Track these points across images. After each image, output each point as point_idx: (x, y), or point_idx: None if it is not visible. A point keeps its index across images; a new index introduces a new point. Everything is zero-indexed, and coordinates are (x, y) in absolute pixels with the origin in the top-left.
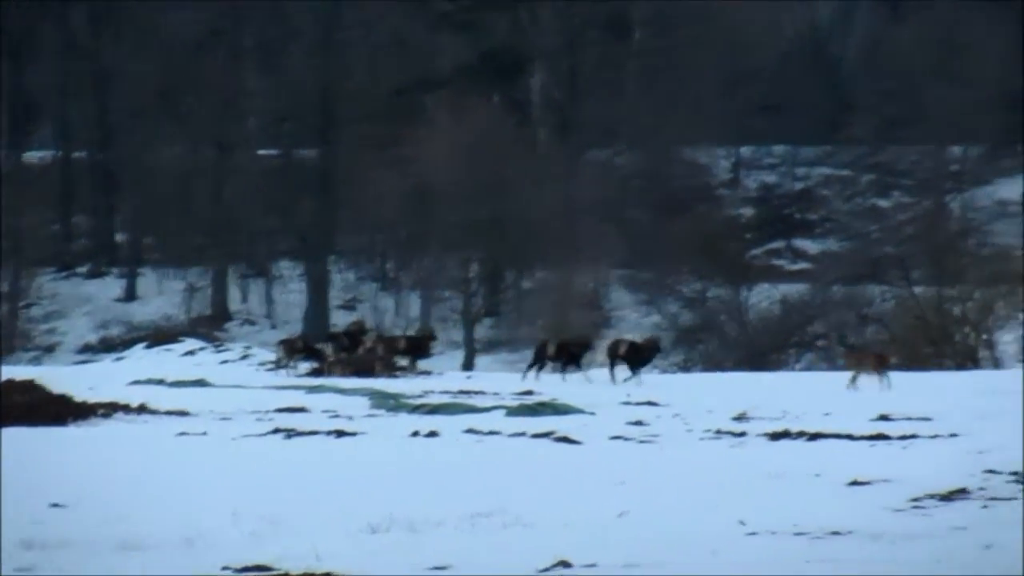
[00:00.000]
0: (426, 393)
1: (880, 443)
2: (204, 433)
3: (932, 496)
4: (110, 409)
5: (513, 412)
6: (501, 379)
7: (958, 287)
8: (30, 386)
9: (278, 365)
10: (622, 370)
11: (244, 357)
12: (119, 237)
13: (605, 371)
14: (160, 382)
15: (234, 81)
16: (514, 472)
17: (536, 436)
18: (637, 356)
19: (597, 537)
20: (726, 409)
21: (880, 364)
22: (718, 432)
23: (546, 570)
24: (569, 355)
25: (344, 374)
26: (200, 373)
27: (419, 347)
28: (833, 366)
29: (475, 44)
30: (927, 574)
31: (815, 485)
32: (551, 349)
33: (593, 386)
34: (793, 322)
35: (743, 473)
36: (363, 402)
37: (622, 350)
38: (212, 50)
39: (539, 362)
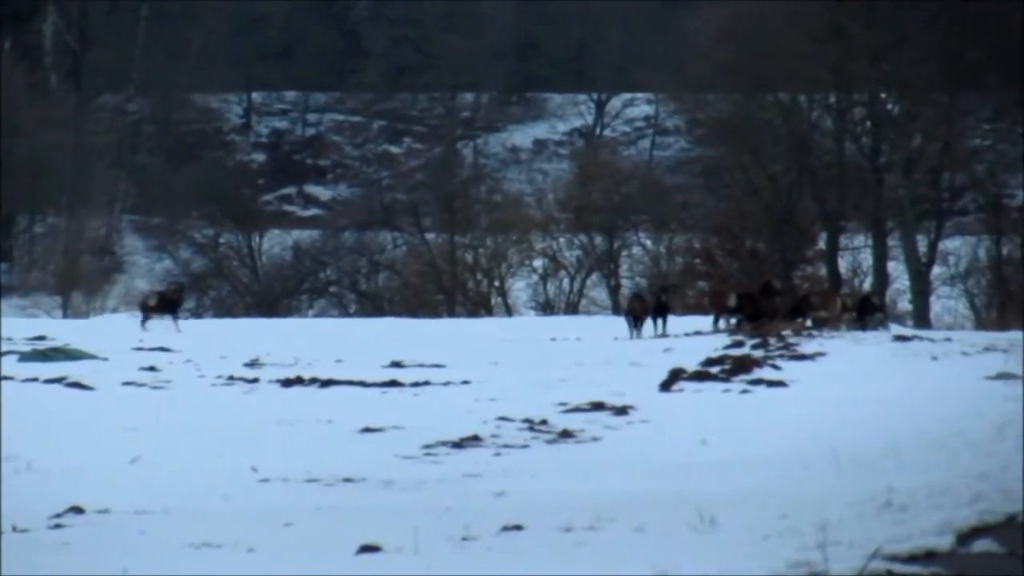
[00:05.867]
0: None
1: (392, 390)
2: None
3: (444, 443)
4: None
5: (26, 357)
6: (13, 324)
7: (470, 234)
8: None
9: None
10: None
11: None
12: None
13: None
14: None
15: None
16: (27, 418)
17: (49, 381)
18: (658, 307)
19: (110, 483)
20: (239, 355)
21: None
22: (231, 378)
23: (59, 516)
24: (659, 306)
25: None
26: None
27: None
28: (345, 312)
29: None
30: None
31: (327, 432)
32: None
33: (107, 330)
34: (305, 268)
35: (256, 419)
36: None
37: (649, 304)
38: None
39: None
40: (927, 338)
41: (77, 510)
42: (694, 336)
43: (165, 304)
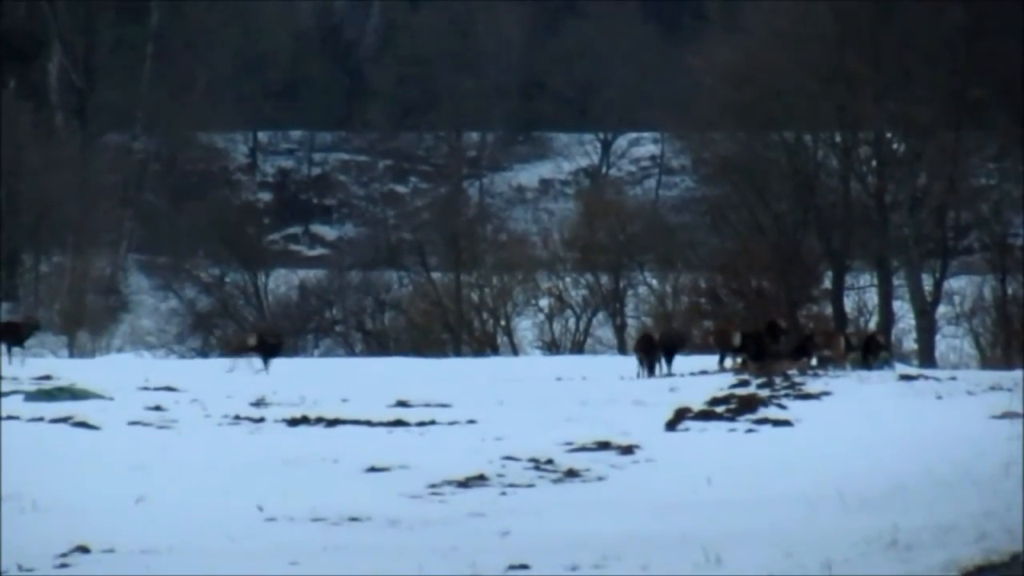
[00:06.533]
0: None
1: (398, 429)
2: None
3: (450, 482)
4: None
5: (31, 397)
6: (20, 364)
7: (476, 273)
8: None
9: None
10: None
11: None
12: None
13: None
14: None
15: None
16: (32, 457)
17: (55, 421)
18: (670, 346)
19: (115, 522)
20: (245, 394)
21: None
22: (237, 417)
23: (64, 555)
24: (666, 349)
25: None
26: None
27: None
28: (351, 352)
29: None
30: (445, 560)
31: (333, 471)
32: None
33: (113, 369)
34: (311, 307)
35: (261, 459)
36: None
37: (657, 344)
38: None
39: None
40: (932, 377)
41: (83, 549)
42: (700, 375)
43: (265, 347)
